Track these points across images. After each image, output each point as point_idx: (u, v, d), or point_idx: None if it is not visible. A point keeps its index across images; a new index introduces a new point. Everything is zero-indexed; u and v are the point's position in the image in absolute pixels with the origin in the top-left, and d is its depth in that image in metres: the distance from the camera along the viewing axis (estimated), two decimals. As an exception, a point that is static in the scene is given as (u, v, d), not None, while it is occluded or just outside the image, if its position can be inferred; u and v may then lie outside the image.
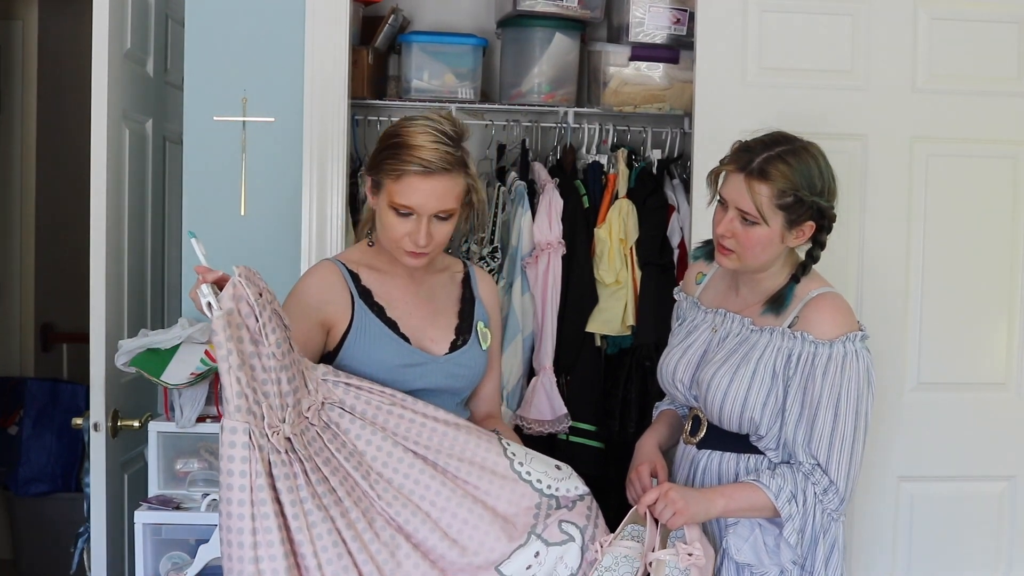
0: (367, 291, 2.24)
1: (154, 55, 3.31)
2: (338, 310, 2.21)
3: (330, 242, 3.04)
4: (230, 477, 1.90)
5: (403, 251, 2.19)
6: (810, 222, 2.25)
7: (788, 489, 2.20)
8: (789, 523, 2.20)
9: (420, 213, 2.15)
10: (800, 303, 2.26)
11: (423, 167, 2.13)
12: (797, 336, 2.23)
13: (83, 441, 2.99)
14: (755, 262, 2.27)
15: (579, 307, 3.30)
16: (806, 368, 2.21)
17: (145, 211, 3.27)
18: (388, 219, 2.18)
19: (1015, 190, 3.16)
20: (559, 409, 3.26)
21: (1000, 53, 3.14)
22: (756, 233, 2.23)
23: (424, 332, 2.26)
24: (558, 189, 3.33)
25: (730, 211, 2.25)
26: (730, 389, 2.25)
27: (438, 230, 2.18)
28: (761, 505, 2.22)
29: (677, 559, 2.13)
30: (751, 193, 2.20)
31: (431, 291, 2.31)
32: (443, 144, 2.15)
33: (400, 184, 2.14)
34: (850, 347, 2.20)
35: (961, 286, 3.15)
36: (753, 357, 2.25)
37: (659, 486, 2.23)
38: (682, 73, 3.45)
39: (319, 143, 3.02)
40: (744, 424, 2.26)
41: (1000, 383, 3.18)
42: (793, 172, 2.19)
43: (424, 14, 3.69)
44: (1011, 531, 3.20)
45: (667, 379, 2.42)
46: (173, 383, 2.70)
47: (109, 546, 2.92)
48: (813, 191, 2.21)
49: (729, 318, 2.35)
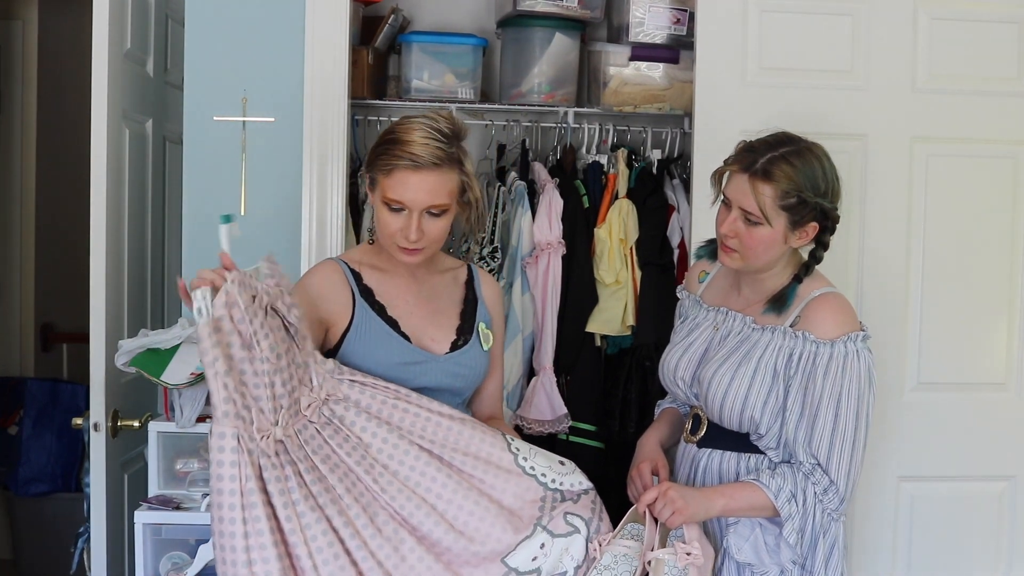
0: (368, 290, 2.25)
1: (154, 55, 3.31)
2: (339, 308, 2.22)
3: (330, 242, 3.04)
4: (220, 482, 1.93)
5: (397, 247, 2.21)
6: (813, 223, 2.25)
7: (788, 489, 2.20)
8: (789, 523, 2.20)
9: (411, 208, 2.17)
10: (802, 303, 2.26)
11: (412, 161, 2.16)
12: (799, 336, 2.23)
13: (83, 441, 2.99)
14: (758, 262, 2.28)
15: (579, 307, 3.30)
16: (807, 368, 2.21)
17: (145, 211, 3.27)
18: (382, 215, 2.21)
19: (1015, 190, 3.16)
20: (559, 409, 3.26)
21: (1000, 53, 3.14)
22: (759, 233, 2.23)
23: (425, 331, 2.26)
24: (558, 189, 3.33)
25: (734, 211, 2.25)
26: (731, 387, 2.25)
27: (431, 226, 2.20)
28: (761, 505, 2.22)
29: (675, 558, 2.13)
30: (755, 193, 2.20)
31: (433, 291, 2.32)
32: (435, 140, 2.17)
33: (391, 179, 2.17)
34: (851, 347, 2.21)
35: (961, 286, 3.15)
36: (754, 356, 2.26)
37: (658, 485, 2.24)
38: (682, 73, 3.45)
39: (319, 143, 3.02)
40: (744, 423, 2.26)
41: (1000, 383, 3.18)
42: (797, 173, 2.19)
43: (424, 14, 3.69)
44: (1011, 531, 3.20)
45: (668, 376, 2.43)
46: (173, 383, 2.70)
47: (109, 546, 2.92)
48: (817, 192, 2.22)
49: (731, 317, 2.35)
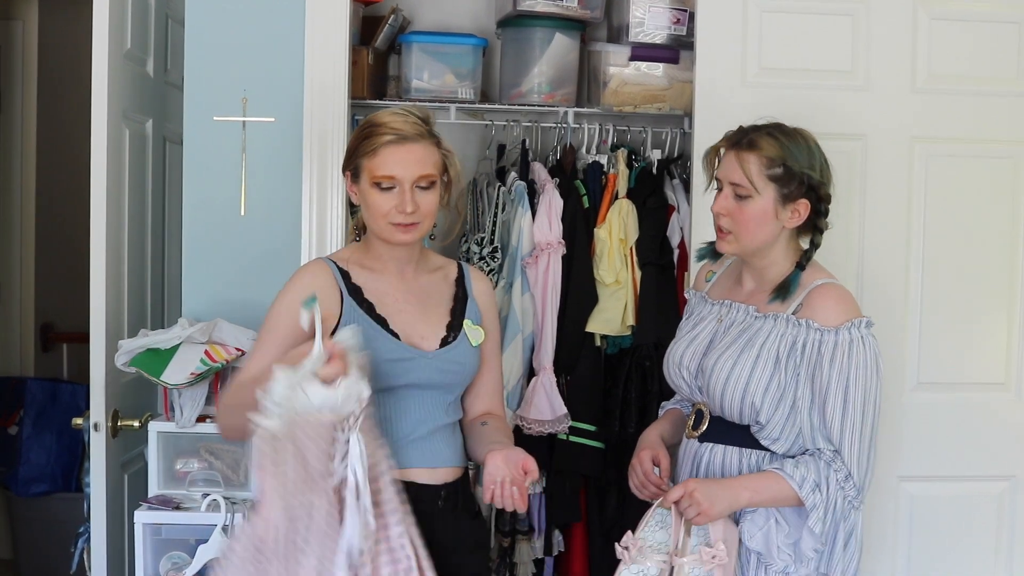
0: (357, 288, 2.26)
1: (154, 55, 3.31)
2: (326, 307, 2.22)
3: (330, 242, 3.04)
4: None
5: (393, 227, 2.22)
6: (804, 200, 2.28)
7: (812, 479, 2.20)
8: (814, 512, 2.20)
9: (402, 181, 2.20)
10: (804, 291, 2.28)
11: (396, 135, 2.20)
12: (802, 324, 2.24)
13: (83, 441, 2.99)
14: (752, 241, 2.30)
15: (579, 307, 3.30)
16: (812, 356, 2.23)
17: (145, 211, 3.27)
18: (372, 198, 2.22)
19: (1015, 190, 3.16)
20: (559, 409, 3.26)
21: (1000, 53, 3.14)
22: (750, 208, 2.27)
23: (414, 328, 2.27)
24: (558, 189, 3.33)
25: (724, 188, 2.31)
26: (732, 373, 2.27)
27: (423, 199, 2.22)
28: (786, 496, 2.22)
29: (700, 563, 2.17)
30: (740, 163, 2.27)
31: (422, 289, 2.33)
32: (411, 117, 2.24)
33: (378, 158, 2.20)
34: (856, 333, 2.22)
35: (961, 286, 3.14)
36: (756, 342, 2.27)
37: (683, 484, 2.23)
38: (682, 73, 3.45)
39: (319, 143, 3.02)
40: (745, 410, 2.27)
41: (1000, 383, 3.18)
42: (782, 145, 2.26)
43: (424, 14, 3.69)
44: (1011, 531, 3.19)
45: (673, 368, 2.43)
46: (173, 383, 2.70)
47: (109, 546, 2.92)
48: (803, 164, 2.26)
49: (735, 308, 2.38)
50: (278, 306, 2.23)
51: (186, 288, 3.06)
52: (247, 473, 2.74)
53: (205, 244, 3.06)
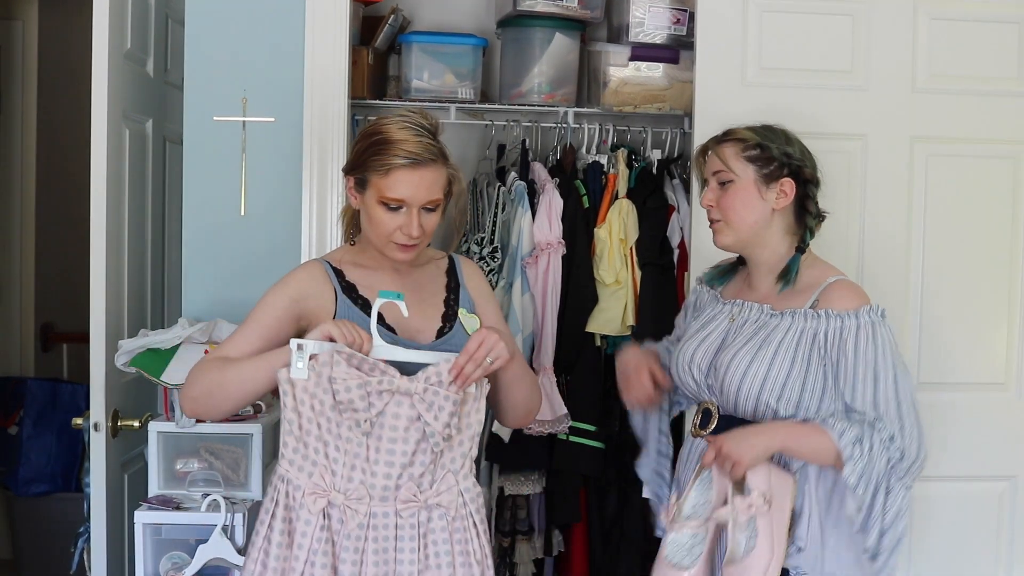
0: (351, 285, 2.28)
1: (154, 55, 3.31)
2: (320, 304, 2.24)
3: (330, 242, 3.04)
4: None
5: (394, 245, 2.23)
6: (788, 179, 2.31)
7: (854, 433, 2.16)
8: (850, 463, 2.15)
9: (410, 205, 2.20)
10: (819, 288, 2.30)
11: (411, 159, 2.18)
12: (821, 314, 2.25)
13: (83, 441, 2.99)
14: (742, 223, 2.32)
15: (579, 307, 3.30)
16: (835, 340, 2.23)
17: (145, 211, 3.27)
18: (378, 215, 2.22)
19: (1015, 190, 3.16)
20: (559, 409, 3.26)
21: (1000, 53, 3.14)
22: (732, 191, 2.33)
23: (410, 322, 2.27)
24: (558, 189, 3.33)
25: (711, 183, 2.37)
26: (749, 370, 2.27)
27: (427, 221, 2.23)
28: (825, 448, 2.18)
29: (737, 513, 2.18)
30: (718, 153, 2.34)
31: (416, 283, 2.34)
32: (424, 136, 2.21)
33: (389, 178, 2.19)
34: (875, 317, 2.24)
35: (961, 286, 3.14)
36: (774, 340, 2.28)
37: (712, 446, 2.23)
38: (682, 73, 3.45)
39: (319, 143, 3.02)
40: (760, 407, 2.27)
41: (1000, 383, 3.18)
42: (754, 131, 2.35)
43: (424, 14, 3.69)
44: (1011, 531, 3.19)
45: (683, 367, 2.43)
46: (173, 383, 2.70)
47: (109, 546, 2.92)
48: (779, 144, 2.32)
49: (747, 307, 2.38)
50: (268, 298, 2.26)
51: (186, 288, 3.06)
52: (247, 473, 2.74)
53: (205, 244, 3.06)
